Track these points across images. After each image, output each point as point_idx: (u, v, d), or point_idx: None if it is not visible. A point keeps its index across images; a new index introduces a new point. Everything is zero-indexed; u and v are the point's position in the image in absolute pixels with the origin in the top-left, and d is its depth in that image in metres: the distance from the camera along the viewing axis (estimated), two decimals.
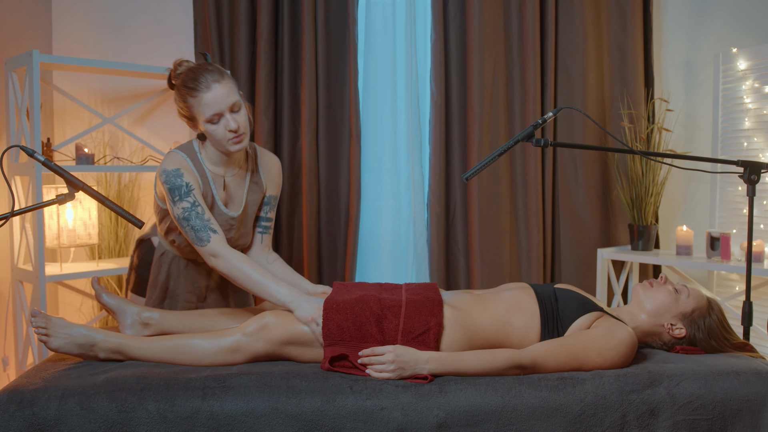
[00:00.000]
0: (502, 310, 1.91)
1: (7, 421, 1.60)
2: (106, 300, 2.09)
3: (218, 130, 2.01)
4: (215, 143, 2.06)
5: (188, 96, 2.01)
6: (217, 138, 2.02)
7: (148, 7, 3.35)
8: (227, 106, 2.01)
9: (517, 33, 3.30)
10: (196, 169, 2.10)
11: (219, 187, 2.14)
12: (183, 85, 2.03)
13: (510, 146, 1.99)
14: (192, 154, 2.11)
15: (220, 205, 2.15)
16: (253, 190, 2.22)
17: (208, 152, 2.13)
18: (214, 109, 1.99)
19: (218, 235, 2.01)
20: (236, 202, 2.19)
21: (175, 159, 2.08)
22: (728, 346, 1.95)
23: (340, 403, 1.64)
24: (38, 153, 1.75)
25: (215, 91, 1.99)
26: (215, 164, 2.13)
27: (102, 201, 1.83)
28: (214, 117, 2.00)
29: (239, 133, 2.03)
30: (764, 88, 3.05)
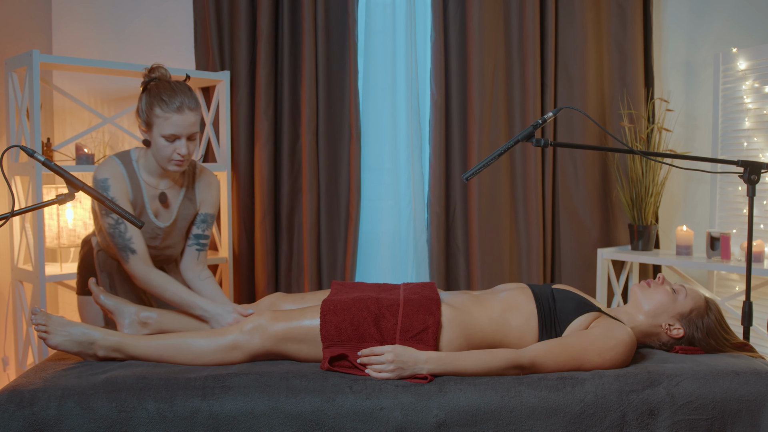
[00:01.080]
0: (500, 310, 1.91)
1: (6, 421, 1.60)
2: (104, 301, 2.11)
3: (168, 148, 2.09)
4: (158, 157, 2.12)
5: (158, 106, 2.06)
6: (163, 154, 2.10)
7: (148, 7, 3.35)
8: (188, 133, 2.09)
9: (517, 33, 3.30)
10: (129, 177, 2.15)
11: (151, 198, 2.19)
12: (158, 95, 2.07)
13: (510, 146, 1.99)
14: (128, 163, 2.17)
15: (150, 214, 2.20)
16: (185, 205, 2.26)
17: (147, 161, 2.18)
18: (176, 131, 2.07)
19: (136, 256, 2.11)
20: (168, 214, 2.24)
21: (108, 167, 2.13)
22: (728, 346, 1.95)
23: (340, 402, 1.64)
24: (38, 153, 1.75)
25: (186, 116, 2.07)
26: (151, 174, 2.19)
27: (102, 201, 1.83)
28: (172, 137, 2.07)
29: (184, 160, 2.11)
30: (764, 88, 3.05)
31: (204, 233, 2.31)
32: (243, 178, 3.30)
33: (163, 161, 2.12)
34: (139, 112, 2.12)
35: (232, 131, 3.28)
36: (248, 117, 3.30)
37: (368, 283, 2.11)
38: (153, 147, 2.13)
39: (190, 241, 2.31)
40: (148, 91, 2.10)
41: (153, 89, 2.09)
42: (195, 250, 2.31)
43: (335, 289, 2.05)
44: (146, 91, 2.11)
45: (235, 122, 3.28)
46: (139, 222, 1.88)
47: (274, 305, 2.11)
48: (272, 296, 2.15)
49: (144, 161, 2.18)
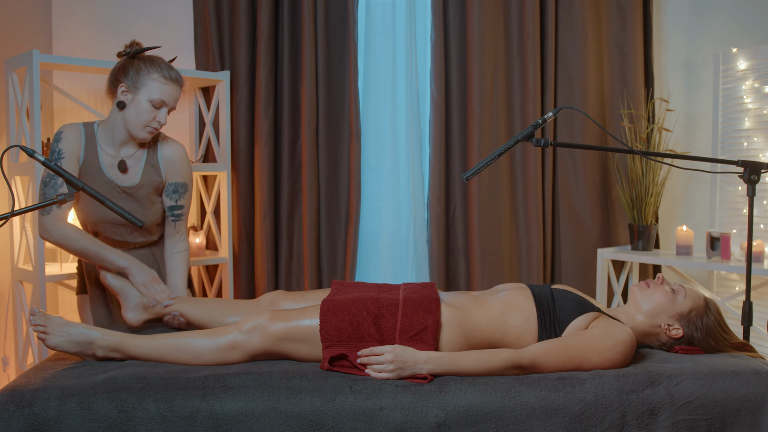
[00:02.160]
0: (499, 310, 1.91)
1: (6, 421, 1.60)
2: (111, 281, 2.17)
3: (149, 113, 2.18)
4: (134, 121, 2.18)
5: (157, 72, 2.17)
6: (143, 118, 2.18)
7: (149, 7, 3.35)
8: (172, 104, 2.22)
9: (517, 33, 3.30)
10: (87, 140, 2.22)
11: (109, 165, 2.23)
12: (157, 63, 2.19)
13: (510, 146, 1.99)
14: (89, 129, 2.24)
15: (107, 173, 2.22)
16: (148, 171, 2.29)
17: (108, 130, 2.24)
18: (167, 99, 2.19)
19: (60, 211, 2.15)
20: (129, 178, 2.26)
21: (69, 126, 2.21)
22: (727, 346, 1.95)
23: (340, 402, 1.64)
24: (38, 153, 1.75)
25: (177, 89, 2.22)
26: (111, 144, 2.25)
27: (102, 201, 1.83)
28: (159, 103, 2.17)
29: (158, 129, 2.21)
30: (764, 88, 3.05)
31: (177, 203, 2.34)
32: (243, 178, 3.30)
33: (138, 126, 2.19)
34: (124, 73, 2.17)
35: (232, 131, 3.28)
36: (248, 117, 3.30)
37: (368, 283, 2.11)
38: (131, 110, 2.18)
39: (166, 213, 2.35)
40: (141, 58, 2.19)
41: (148, 58, 2.20)
42: (171, 221, 2.35)
43: (335, 288, 2.05)
44: (136, 57, 2.19)
45: (235, 122, 3.28)
46: (139, 222, 1.89)
47: (274, 303, 2.11)
48: (273, 294, 2.15)
49: (104, 130, 2.24)
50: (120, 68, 2.20)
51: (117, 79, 2.19)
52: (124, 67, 2.19)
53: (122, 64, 2.21)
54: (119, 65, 2.21)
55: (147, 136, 2.22)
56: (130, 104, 2.17)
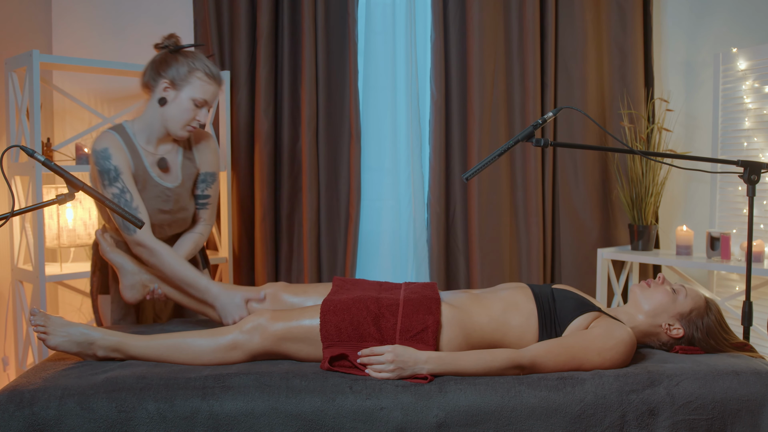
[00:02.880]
0: (499, 309, 1.91)
1: (6, 421, 1.60)
2: (111, 256, 2.15)
3: (190, 112, 2.13)
4: (175, 119, 2.13)
5: (203, 71, 2.11)
6: (184, 117, 2.13)
7: (148, 7, 3.35)
8: (213, 103, 2.18)
9: (517, 33, 3.30)
10: (127, 146, 2.14)
11: (152, 164, 2.18)
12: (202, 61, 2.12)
13: (510, 146, 1.99)
14: (123, 133, 2.16)
15: (155, 177, 2.18)
16: (186, 165, 2.26)
17: (143, 129, 2.17)
18: (209, 98, 2.14)
19: (145, 225, 2.07)
20: (172, 177, 2.23)
21: (105, 138, 2.11)
22: (727, 346, 1.95)
23: (340, 402, 1.64)
24: (38, 153, 1.75)
25: (216, 89, 2.17)
26: (149, 142, 2.19)
27: (102, 201, 1.83)
28: (201, 102, 2.12)
29: (196, 128, 2.18)
30: (764, 88, 3.05)
31: (204, 192, 2.31)
32: (243, 178, 3.30)
33: (179, 124, 2.13)
34: (165, 68, 2.10)
35: (232, 131, 3.28)
36: (248, 117, 3.30)
37: (370, 281, 2.11)
38: (173, 108, 2.11)
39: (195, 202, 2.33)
40: (184, 53, 2.12)
41: (190, 53, 2.13)
42: (198, 209, 2.33)
43: (336, 286, 2.04)
44: (178, 53, 2.12)
45: (235, 122, 3.28)
46: (139, 222, 1.88)
47: (275, 295, 2.09)
48: (274, 285, 2.12)
49: (141, 129, 2.18)
50: (161, 61, 2.11)
51: (158, 72, 2.11)
52: (165, 61, 2.11)
53: (164, 57, 2.12)
54: (160, 58, 2.12)
55: (185, 135, 2.17)
56: (172, 101, 2.11)
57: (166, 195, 2.20)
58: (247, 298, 2.07)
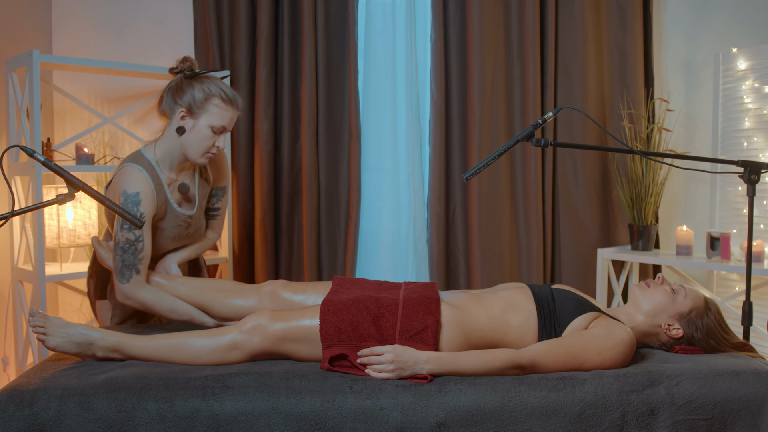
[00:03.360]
0: (499, 309, 1.91)
1: (6, 421, 1.60)
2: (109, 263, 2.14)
3: (210, 139, 2.10)
4: (194, 147, 2.09)
5: (219, 97, 2.07)
6: (203, 145, 2.09)
7: (148, 7, 3.35)
8: (230, 128, 2.15)
9: (517, 33, 3.30)
10: (153, 181, 2.08)
11: (173, 191, 2.17)
12: (218, 86, 2.08)
13: (510, 146, 1.99)
14: (149, 167, 2.10)
15: (175, 206, 2.17)
16: (201, 185, 2.26)
17: (164, 156, 2.13)
18: (226, 123, 2.10)
19: (140, 276, 2.06)
20: (191, 202, 2.23)
21: (136, 178, 2.04)
22: (727, 346, 1.95)
23: (340, 402, 1.64)
24: (38, 153, 1.75)
25: (234, 114, 2.13)
26: (171, 169, 2.16)
27: (102, 201, 1.83)
28: (218, 129, 2.09)
29: (216, 154, 2.14)
30: (764, 88, 3.05)
31: (215, 205, 2.33)
32: (243, 178, 3.30)
33: (198, 152, 2.10)
34: (182, 97, 2.06)
35: (232, 131, 3.27)
36: (248, 117, 3.30)
37: (370, 280, 2.10)
38: (191, 137, 2.08)
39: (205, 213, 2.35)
40: (200, 79, 2.08)
41: (206, 77, 2.09)
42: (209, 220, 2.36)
43: (336, 285, 2.04)
44: (194, 79, 2.08)
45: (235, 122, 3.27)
46: (139, 222, 1.88)
47: (275, 292, 2.09)
48: (274, 283, 2.12)
49: (162, 156, 2.13)
50: (177, 89, 2.07)
51: (175, 100, 2.07)
52: (180, 88, 2.07)
53: (178, 84, 2.08)
54: (175, 85, 2.09)
55: (205, 162, 2.13)
56: (190, 130, 2.07)
57: (185, 222, 2.21)
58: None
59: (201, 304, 2.12)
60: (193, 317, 2.10)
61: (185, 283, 2.15)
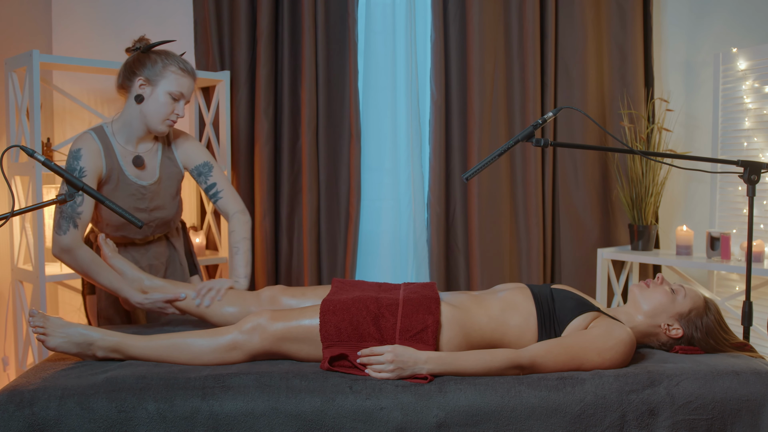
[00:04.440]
0: (499, 309, 1.91)
1: (6, 421, 1.60)
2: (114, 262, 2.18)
3: (168, 106, 2.18)
4: (154, 114, 2.18)
5: (175, 65, 2.17)
6: (163, 111, 2.18)
7: (148, 7, 3.35)
8: (188, 96, 2.23)
9: (517, 33, 3.30)
10: (104, 149, 2.18)
11: (127, 164, 2.22)
12: (173, 56, 2.18)
13: (510, 146, 1.99)
14: (102, 136, 2.20)
15: (129, 176, 2.22)
16: (166, 164, 2.30)
17: (123, 128, 2.22)
18: (185, 91, 2.20)
19: (77, 231, 2.10)
20: (148, 174, 2.26)
21: (82, 139, 2.16)
22: (727, 346, 1.95)
23: (340, 402, 1.64)
24: (38, 153, 1.75)
25: (191, 81, 2.23)
26: (128, 141, 2.23)
27: (102, 201, 1.83)
28: (177, 95, 2.18)
29: (175, 121, 2.22)
30: (764, 88, 3.05)
31: (209, 183, 2.32)
32: (243, 178, 3.30)
33: (158, 119, 2.18)
34: (140, 66, 2.16)
35: (232, 131, 3.28)
36: (248, 117, 3.30)
37: (369, 282, 2.11)
38: (150, 104, 2.17)
39: (209, 196, 2.34)
40: (156, 51, 2.19)
41: (162, 51, 2.20)
42: (219, 201, 2.33)
43: (335, 287, 2.04)
44: (151, 51, 2.19)
45: (235, 122, 3.28)
46: (139, 222, 1.88)
47: (274, 298, 2.09)
48: (273, 288, 2.13)
49: (119, 128, 2.22)
50: (135, 61, 2.18)
51: (133, 72, 2.17)
52: (139, 60, 2.18)
53: (137, 57, 2.19)
54: (133, 59, 2.19)
55: (166, 129, 2.21)
56: (149, 97, 2.17)
57: (140, 193, 2.24)
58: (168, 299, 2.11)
59: (200, 311, 2.11)
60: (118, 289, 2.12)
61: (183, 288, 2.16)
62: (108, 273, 2.14)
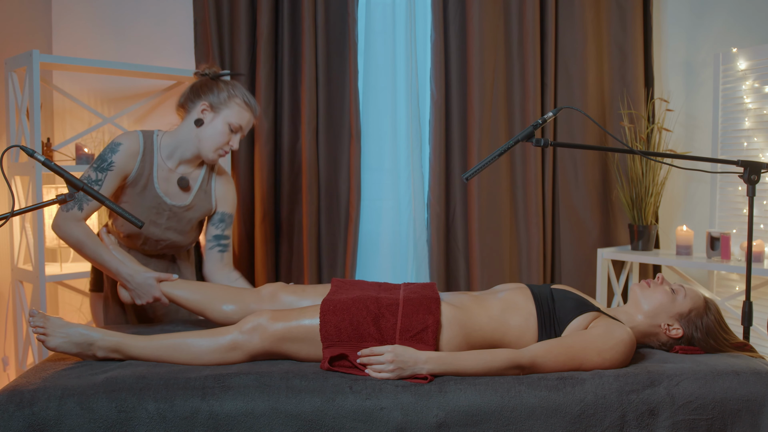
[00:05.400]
0: (499, 310, 1.91)
1: (6, 421, 1.60)
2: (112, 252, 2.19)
3: (225, 136, 2.20)
4: (208, 140, 2.19)
5: (242, 98, 2.20)
6: (218, 140, 2.19)
7: (148, 7, 3.35)
8: (246, 131, 2.28)
9: (517, 33, 3.30)
10: (144, 148, 2.19)
11: (162, 178, 2.21)
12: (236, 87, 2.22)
13: (510, 146, 1.99)
14: (149, 139, 2.21)
15: (158, 189, 2.21)
16: (200, 196, 2.29)
17: (171, 143, 2.22)
18: (243, 124, 2.23)
19: (80, 213, 2.12)
20: (184, 197, 2.26)
21: (127, 136, 2.18)
22: (727, 346, 1.95)
23: (340, 402, 1.64)
24: (38, 153, 1.75)
25: (251, 117, 2.28)
26: (170, 157, 2.23)
27: (102, 201, 1.83)
28: (236, 128, 2.20)
29: (227, 153, 2.25)
30: (764, 88, 3.05)
31: (224, 233, 2.34)
32: (243, 178, 3.30)
33: (211, 147, 2.20)
34: (207, 92, 2.18)
35: None
36: None
37: (369, 282, 2.11)
38: (208, 130, 2.18)
39: (211, 243, 2.33)
40: (225, 81, 2.23)
41: (230, 82, 2.24)
42: (218, 252, 2.34)
43: (335, 287, 2.04)
44: (219, 79, 2.22)
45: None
46: (139, 222, 1.88)
47: (274, 295, 2.09)
48: (274, 285, 2.12)
49: (168, 143, 2.22)
50: (203, 85, 2.21)
51: (198, 95, 2.19)
52: (207, 85, 2.20)
53: (205, 81, 2.22)
54: (201, 82, 2.22)
55: (216, 158, 2.23)
56: (208, 123, 2.18)
57: (162, 209, 2.23)
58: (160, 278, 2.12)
59: (200, 307, 2.11)
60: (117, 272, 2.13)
61: (184, 286, 2.15)
62: (103, 250, 2.15)
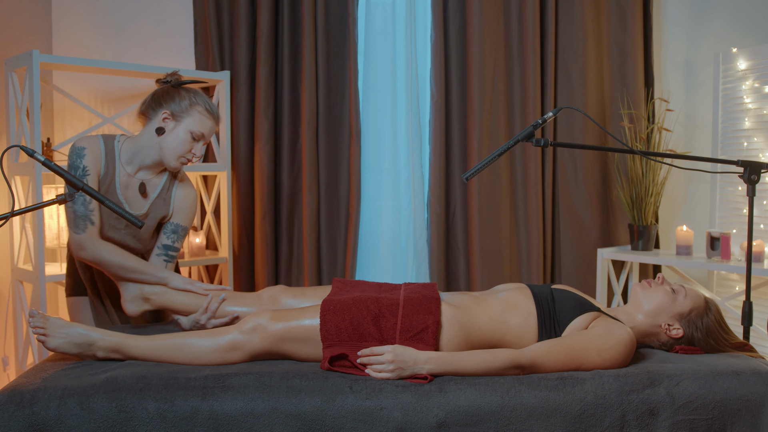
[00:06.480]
0: (499, 310, 1.91)
1: (6, 421, 1.60)
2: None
3: (187, 144, 2.15)
4: (170, 149, 2.14)
5: (203, 105, 2.16)
6: (181, 148, 2.15)
7: (148, 7, 3.35)
8: (208, 138, 2.21)
9: (517, 33, 3.30)
10: (107, 155, 2.15)
11: (123, 184, 2.18)
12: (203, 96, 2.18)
13: (510, 146, 1.99)
14: (109, 143, 2.18)
15: (119, 194, 2.17)
16: (157, 204, 2.23)
17: (131, 148, 2.18)
18: (206, 133, 2.18)
19: (94, 228, 2.09)
20: (141, 204, 2.20)
21: (88, 139, 2.14)
22: (727, 346, 1.95)
23: (340, 402, 1.64)
24: (38, 153, 1.75)
25: (213, 125, 2.21)
26: (130, 162, 2.19)
27: (102, 201, 1.83)
28: (198, 136, 2.16)
29: (193, 162, 2.20)
30: (764, 88, 3.05)
31: (174, 245, 2.25)
32: (243, 178, 3.30)
33: (174, 155, 2.15)
34: (168, 100, 2.14)
35: (232, 131, 3.28)
36: (248, 117, 3.30)
37: (369, 282, 2.11)
38: (170, 139, 2.14)
39: (159, 250, 2.24)
40: (186, 88, 2.18)
41: (192, 89, 2.19)
42: (162, 261, 2.23)
43: (336, 287, 2.04)
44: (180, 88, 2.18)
45: (235, 122, 3.28)
46: (139, 222, 1.88)
47: (274, 298, 2.09)
48: (274, 288, 2.13)
49: (128, 149, 2.18)
50: (164, 93, 2.17)
51: (159, 103, 2.15)
52: (168, 93, 2.16)
53: (165, 90, 2.17)
54: (162, 91, 2.18)
55: (178, 167, 2.18)
56: (170, 132, 2.14)
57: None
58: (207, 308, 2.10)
59: None
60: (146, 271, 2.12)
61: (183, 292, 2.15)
62: (135, 259, 2.13)
